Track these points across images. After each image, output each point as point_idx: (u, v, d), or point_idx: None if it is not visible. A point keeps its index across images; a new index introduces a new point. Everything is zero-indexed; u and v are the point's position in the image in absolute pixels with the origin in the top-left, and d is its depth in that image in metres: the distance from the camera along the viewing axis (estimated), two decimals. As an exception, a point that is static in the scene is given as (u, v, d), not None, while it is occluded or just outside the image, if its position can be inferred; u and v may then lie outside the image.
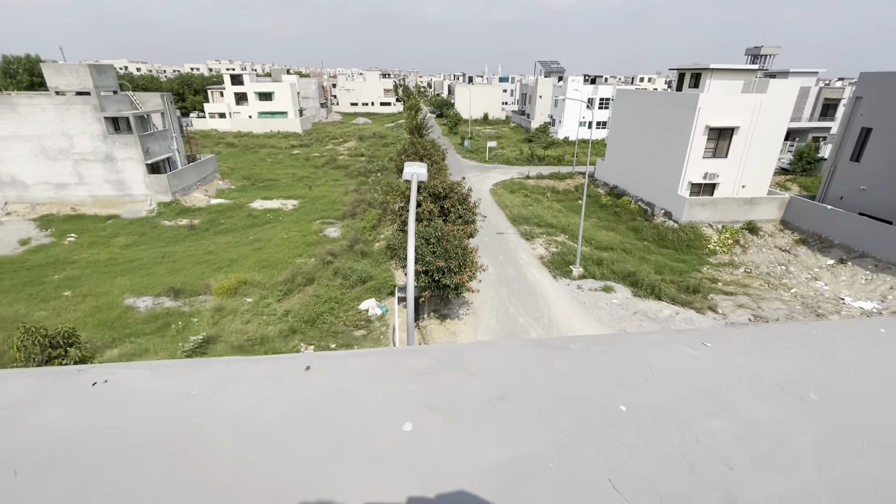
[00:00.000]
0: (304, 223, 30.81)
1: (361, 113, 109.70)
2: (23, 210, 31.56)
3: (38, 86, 46.93)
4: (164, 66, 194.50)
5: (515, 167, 48.95)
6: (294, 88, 76.50)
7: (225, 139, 64.07)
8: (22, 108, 30.13)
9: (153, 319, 18.40)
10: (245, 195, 37.55)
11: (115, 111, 31.69)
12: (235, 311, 18.75)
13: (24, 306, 19.53)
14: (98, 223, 30.37)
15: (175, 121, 37.03)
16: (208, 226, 30.15)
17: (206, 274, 22.79)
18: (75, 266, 23.96)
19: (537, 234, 27.57)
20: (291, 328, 16.66)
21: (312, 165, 49.95)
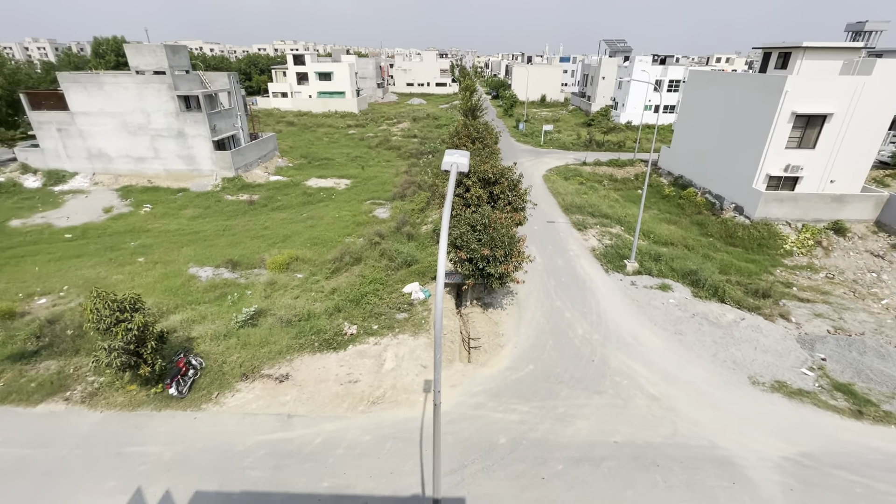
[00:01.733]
0: (355, 203, 31.36)
1: (417, 93, 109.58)
2: (107, 180, 34.55)
3: (124, 66, 50.72)
4: (234, 47, 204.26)
5: (571, 152, 46.93)
6: (352, 69, 77.54)
7: (286, 118, 66.45)
8: (108, 86, 32.67)
9: (212, 289, 19.52)
10: (301, 173, 38.80)
11: (186, 90, 33.57)
12: (286, 286, 19.47)
13: (104, 269, 21.40)
14: (170, 195, 32.64)
15: (240, 99, 38.69)
16: (266, 202, 31.49)
17: (261, 248, 23.83)
18: (149, 234, 25.91)
19: (590, 225, 26.30)
20: (337, 306, 17.04)
21: (366, 146, 50.65)
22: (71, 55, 65.37)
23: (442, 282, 5.43)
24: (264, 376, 13.31)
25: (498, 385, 13.31)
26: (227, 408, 12.27)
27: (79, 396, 12.64)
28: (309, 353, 14.41)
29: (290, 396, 12.58)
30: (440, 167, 37.23)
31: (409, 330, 15.71)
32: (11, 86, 40.53)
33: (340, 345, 14.80)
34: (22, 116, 41.95)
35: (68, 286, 19.73)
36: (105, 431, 11.54)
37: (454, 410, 12.28)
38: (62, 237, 25.16)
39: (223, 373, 13.43)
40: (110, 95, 32.82)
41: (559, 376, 13.74)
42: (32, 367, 13.81)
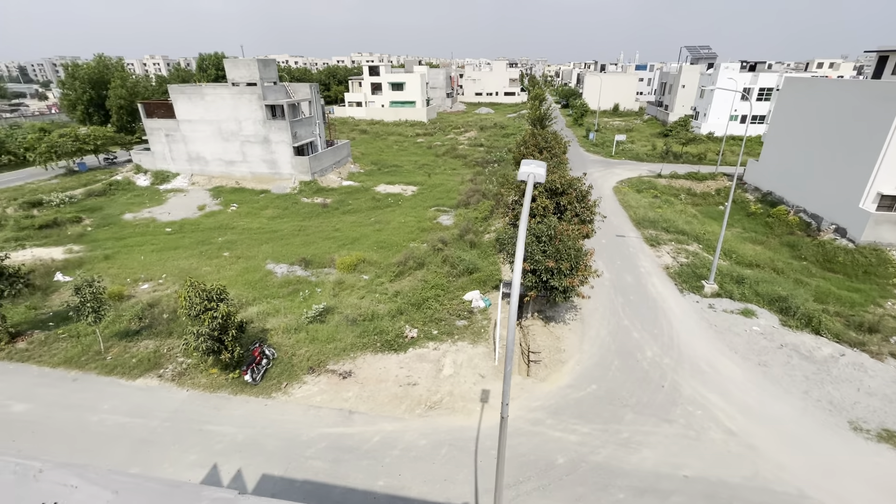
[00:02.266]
0: (421, 209, 32.08)
1: (485, 103, 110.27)
2: (202, 181, 38.30)
3: (222, 78, 56.19)
4: (315, 60, 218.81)
5: (645, 164, 44.65)
6: (423, 79, 79.79)
7: (359, 126, 69.76)
8: (208, 96, 36.34)
9: (286, 285, 20.86)
10: (371, 179, 40.44)
11: (273, 100, 36.44)
12: (353, 286, 20.33)
13: (196, 261, 23.68)
14: (253, 196, 35.47)
15: (319, 108, 41.26)
16: (338, 205, 33.18)
17: (332, 249, 25.11)
18: (234, 231, 28.30)
19: (664, 241, 24.78)
20: (399, 309, 17.47)
21: (433, 154, 51.72)
22: (180, 70, 73.79)
23: (517, 293, 5.38)
24: (329, 371, 13.95)
25: (557, 402, 12.88)
26: (294, 398, 13.01)
27: (170, 374, 14.05)
28: (371, 352, 14.89)
29: (352, 393, 13.06)
30: (505, 176, 37.14)
31: (469, 338, 15.71)
32: (132, 97, 46.45)
33: (401, 347, 15.14)
34: (138, 123, 47.89)
35: (166, 274, 22.06)
36: (190, 409, 12.71)
37: (511, 424, 12.05)
38: (164, 231, 28.21)
39: (292, 365, 14.27)
40: (210, 105, 36.46)
41: (624, 399, 13.01)
42: (134, 345, 15.58)
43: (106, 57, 50.50)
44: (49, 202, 31.22)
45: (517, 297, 5.39)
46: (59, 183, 37.00)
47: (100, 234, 27.38)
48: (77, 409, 12.70)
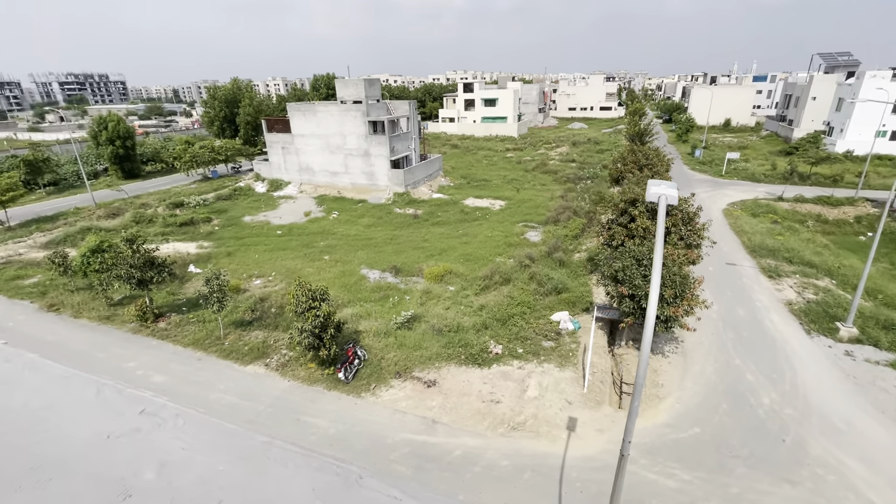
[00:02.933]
0: (508, 224, 31.91)
1: (578, 118, 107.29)
2: (309, 189, 42.06)
3: (332, 97, 61.70)
4: (412, 78, 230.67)
5: (763, 185, 39.94)
6: (516, 95, 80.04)
7: (451, 141, 71.82)
8: (319, 113, 40.02)
9: (378, 290, 21.94)
10: (460, 192, 41.25)
11: (375, 116, 39.01)
12: (439, 296, 20.74)
13: (300, 262, 25.93)
14: (352, 205, 38.08)
15: (416, 124, 43.26)
16: (428, 217, 34.29)
17: (420, 259, 25.94)
18: (334, 237, 30.55)
19: (786, 273, 21.81)
20: (484, 323, 17.43)
21: (523, 169, 51.36)
22: (296, 90, 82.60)
23: (652, 323, 5.05)
24: (415, 378, 14.30)
25: (653, 441, 11.81)
26: (381, 400, 13.52)
27: (275, 364, 15.44)
28: (455, 364, 15.00)
29: (436, 403, 13.23)
30: (600, 193, 35.58)
31: (556, 360, 15.13)
32: (257, 114, 52.82)
33: (485, 362, 15.05)
34: (260, 137, 54.25)
35: (275, 273, 24.43)
36: (289, 398, 13.81)
37: (599, 458, 11.30)
38: (275, 233, 31.38)
39: (381, 368, 14.88)
40: (320, 121, 40.10)
41: (734, 449, 11.53)
42: (247, 334, 17.40)
43: (239, 80, 58.20)
44: (188, 204, 36.45)
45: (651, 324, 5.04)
46: (197, 188, 43.09)
47: (225, 233, 31.25)
48: (200, 386, 14.47)
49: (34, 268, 24.58)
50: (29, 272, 24.05)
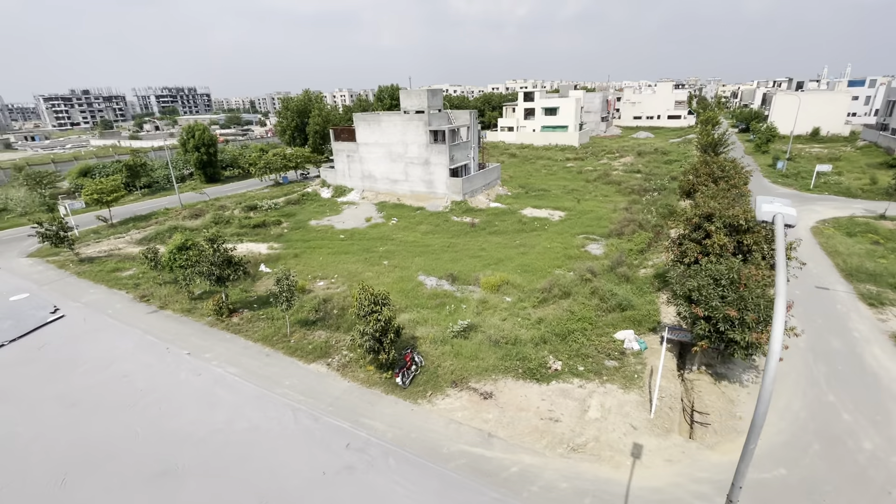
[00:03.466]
0: (568, 235, 31.03)
1: (644, 127, 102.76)
2: (370, 196, 43.49)
3: (395, 107, 63.74)
4: (471, 87, 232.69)
5: (860, 201, 35.90)
6: (579, 103, 78.21)
7: (509, 150, 71.42)
8: (383, 122, 41.39)
9: (434, 297, 22.10)
10: (518, 202, 40.78)
11: (436, 125, 39.68)
12: (496, 306, 20.51)
13: (361, 266, 26.78)
14: (410, 212, 38.85)
15: (476, 133, 43.47)
16: (485, 226, 34.19)
17: (476, 267, 25.85)
18: (393, 242, 31.29)
19: (891, 301, 19.30)
20: (542, 337, 16.96)
21: (584, 179, 49.89)
22: (361, 100, 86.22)
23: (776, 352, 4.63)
24: (471, 389, 14.17)
25: (731, 479, 10.78)
26: (437, 408, 13.52)
27: (336, 364, 15.97)
28: (512, 377, 14.69)
29: (492, 416, 13.00)
30: (669, 206, 33.69)
31: (619, 381, 14.36)
32: (325, 123, 55.65)
33: (543, 378, 14.61)
34: (327, 145, 57.04)
35: (337, 275, 25.39)
36: (348, 398, 14.19)
37: (667, 490, 10.52)
38: (338, 237, 32.69)
39: (437, 375, 14.90)
40: (384, 130, 41.45)
41: (830, 497, 10.27)
42: (311, 333, 18.17)
43: (310, 91, 61.70)
44: (261, 207, 38.99)
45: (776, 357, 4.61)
46: (269, 192, 46.04)
47: (293, 235, 33.03)
48: (267, 381, 15.27)
49: (130, 261, 27.36)
50: (126, 265, 26.80)
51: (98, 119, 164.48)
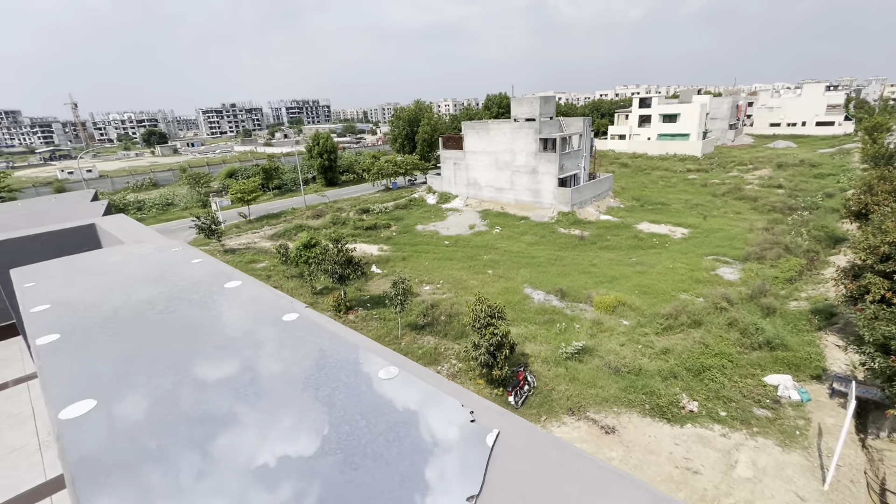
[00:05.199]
0: (693, 256, 27.79)
1: (783, 135, 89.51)
2: (474, 203, 43.67)
3: (501, 115, 63.75)
4: (577, 94, 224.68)
5: None
6: (703, 109, 70.78)
7: (619, 159, 67.03)
8: (492, 131, 41.33)
9: (542, 312, 21.11)
10: (632, 215, 37.79)
11: (547, 133, 38.49)
12: (612, 329, 18.89)
13: (465, 274, 26.75)
14: (514, 221, 38.12)
15: (588, 142, 41.34)
16: (595, 239, 32.14)
17: (587, 284, 24.25)
18: (496, 252, 30.85)
19: None
20: (672, 371, 15.09)
21: (710, 193, 44.68)
22: (468, 108, 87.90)
23: None
24: (590, 420, 13.01)
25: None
26: (551, 435, 12.60)
27: (445, 373, 15.86)
28: (638, 412, 13.20)
29: (616, 454, 11.73)
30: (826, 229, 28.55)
31: (774, 436, 12.08)
32: (433, 132, 57.49)
33: (676, 419, 12.88)
34: (433, 153, 58.87)
35: (442, 281, 25.63)
36: (458, 410, 13.90)
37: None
38: (443, 243, 33.20)
39: (551, 399, 13.97)
40: (492, 138, 41.37)
41: None
42: (421, 337, 18.40)
43: (421, 101, 64.30)
44: (372, 210, 41.29)
45: None
46: (380, 197, 48.72)
47: (401, 238, 34.33)
48: (380, 381, 15.65)
49: (263, 254, 30.63)
50: (260, 258, 30.05)
51: (240, 128, 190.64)
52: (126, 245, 2.07)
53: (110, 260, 1.87)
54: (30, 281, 1.69)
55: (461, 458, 0.89)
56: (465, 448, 0.92)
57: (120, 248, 2.00)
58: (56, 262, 1.86)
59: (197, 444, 0.88)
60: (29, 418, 2.59)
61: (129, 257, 1.89)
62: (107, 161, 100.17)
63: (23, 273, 1.72)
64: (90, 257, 1.92)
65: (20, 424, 2.52)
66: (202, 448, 0.87)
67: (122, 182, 61.97)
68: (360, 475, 0.82)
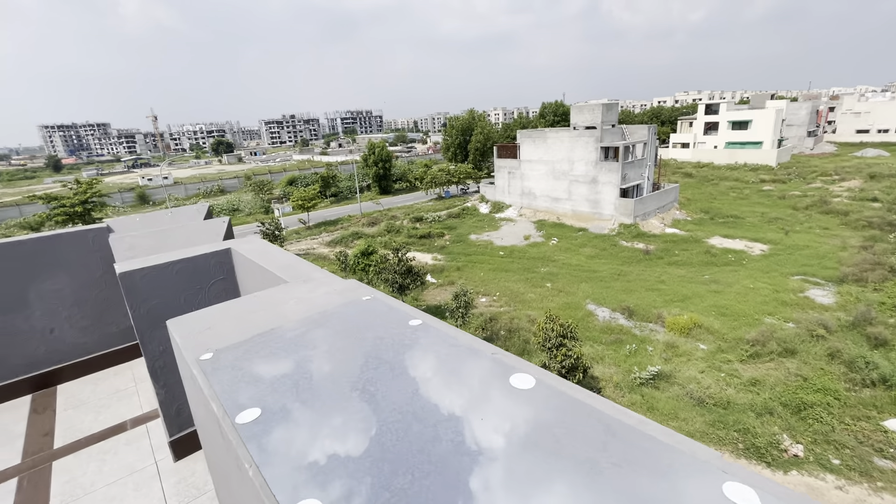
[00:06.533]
0: (777, 275, 25.29)
1: (872, 143, 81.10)
2: (528, 213, 42.62)
3: (557, 123, 62.33)
4: (633, 102, 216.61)
5: None
6: (779, 115, 65.57)
7: (683, 169, 63.37)
8: (549, 139, 40.24)
9: (608, 331, 19.83)
10: (701, 229, 35.25)
11: (609, 142, 36.88)
12: (689, 354, 17.34)
13: (522, 286, 25.85)
14: (571, 233, 36.69)
15: (653, 151, 39.22)
16: (662, 254, 30.17)
17: (656, 302, 22.62)
18: (554, 264, 29.69)
19: None
20: (766, 406, 13.46)
21: (790, 206, 40.96)
22: (522, 117, 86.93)
23: None
24: (674, 456, 11.76)
25: None
26: (630, 470, 11.51)
27: (508, 392, 15.09)
28: (731, 452, 11.79)
29: (709, 499, 10.45)
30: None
31: (905, 494, 10.31)
32: (486, 141, 57.09)
33: (777, 463, 11.36)
34: (485, 162, 58.41)
35: (499, 293, 24.89)
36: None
37: None
38: (497, 254, 32.47)
39: (627, 429, 12.83)
40: (549, 147, 40.26)
41: None
42: (480, 353, 17.74)
43: (474, 111, 64.18)
44: (426, 219, 41.34)
45: None
46: (432, 205, 48.80)
47: (454, 248, 33.98)
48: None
49: (321, 260, 31.31)
50: (319, 264, 30.72)
51: (299, 138, 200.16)
52: (291, 285, 1.66)
53: (286, 308, 1.44)
54: (189, 332, 1.30)
55: None
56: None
57: (286, 290, 1.60)
58: (221, 310, 1.46)
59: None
60: (154, 477, 2.26)
61: (302, 303, 1.46)
62: (180, 168, 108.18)
63: (180, 325, 1.34)
64: (260, 302, 1.52)
65: (146, 485, 2.19)
66: None
67: (194, 188, 66.40)
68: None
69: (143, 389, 3.31)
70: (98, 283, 3.62)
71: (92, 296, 3.60)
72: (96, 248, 3.54)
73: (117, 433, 2.79)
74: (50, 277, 3.40)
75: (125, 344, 3.78)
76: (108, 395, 3.31)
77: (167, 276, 2.23)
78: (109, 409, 3.08)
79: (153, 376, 2.29)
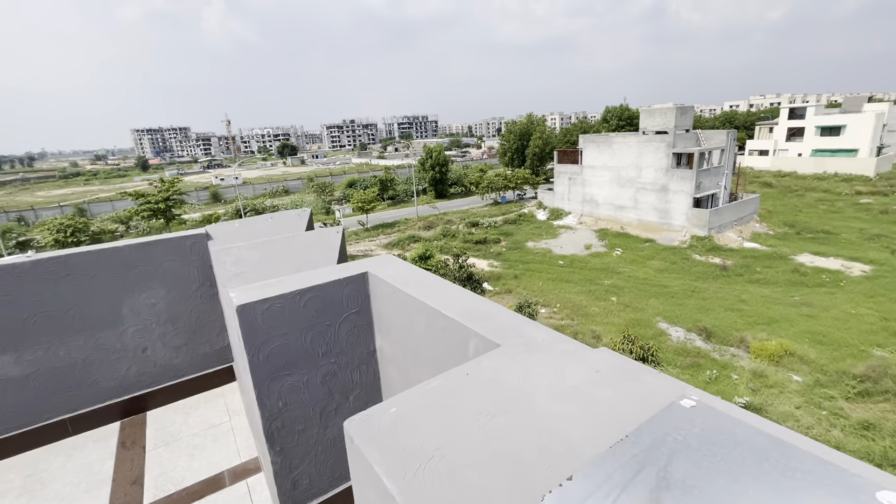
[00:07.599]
0: (884, 300, 22.25)
1: None
2: (589, 222, 40.86)
3: (621, 128, 59.62)
4: (702, 106, 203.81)
5: None
6: (879, 120, 58.67)
7: (760, 178, 58.37)
8: (615, 144, 38.36)
9: (683, 354, 18.22)
10: (786, 244, 31.99)
11: (682, 147, 34.50)
12: (781, 386, 15.47)
13: (584, 299, 24.58)
14: (637, 243, 34.64)
15: (731, 158, 36.27)
16: (742, 271, 27.62)
17: (737, 324, 20.59)
18: (619, 276, 28.06)
19: None
20: (886, 457, 11.58)
21: (893, 221, 36.28)
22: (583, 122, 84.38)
23: None
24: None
25: None
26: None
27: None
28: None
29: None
30: None
31: None
32: (545, 146, 55.69)
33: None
34: (543, 167, 56.94)
35: (559, 304, 23.80)
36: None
37: None
38: (557, 263, 31.25)
39: (714, 467, 11.51)
40: (615, 153, 38.39)
41: None
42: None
43: (533, 115, 62.91)
44: (481, 224, 40.79)
45: None
46: (488, 210, 48.20)
47: (511, 255, 33.14)
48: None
49: (378, 263, 31.65)
50: (376, 266, 31.09)
51: (357, 142, 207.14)
52: (506, 349, 1.20)
53: (542, 408, 0.95)
54: (386, 448, 0.84)
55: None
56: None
57: (508, 363, 1.13)
58: (424, 399, 0.98)
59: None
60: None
61: (568, 401, 0.96)
62: (249, 170, 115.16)
63: (358, 426, 0.88)
64: (492, 395, 1.02)
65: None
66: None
67: (261, 188, 70.20)
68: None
69: (238, 426, 3.02)
70: (193, 296, 3.30)
71: (187, 311, 3.28)
72: (194, 256, 3.24)
73: (213, 490, 2.46)
74: (146, 290, 3.10)
75: (217, 367, 3.48)
76: (201, 431, 3.03)
77: (293, 310, 1.84)
78: (204, 452, 2.78)
79: (269, 440, 1.89)
